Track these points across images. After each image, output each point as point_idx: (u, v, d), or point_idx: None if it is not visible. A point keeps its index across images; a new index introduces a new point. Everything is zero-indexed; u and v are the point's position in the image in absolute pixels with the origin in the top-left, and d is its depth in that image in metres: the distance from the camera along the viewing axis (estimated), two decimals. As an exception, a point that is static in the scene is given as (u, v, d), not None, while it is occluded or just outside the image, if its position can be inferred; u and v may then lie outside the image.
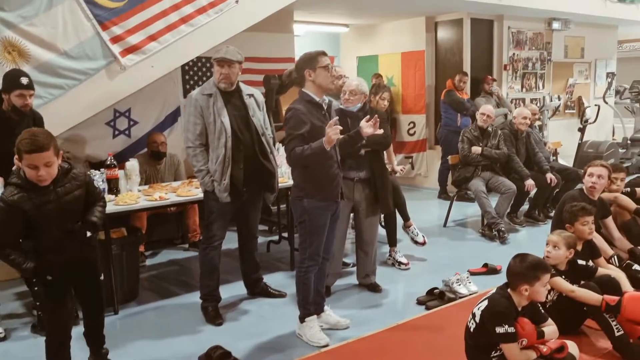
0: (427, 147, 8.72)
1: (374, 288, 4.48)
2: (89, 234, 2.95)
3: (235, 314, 4.11)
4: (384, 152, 4.64)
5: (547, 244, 3.46)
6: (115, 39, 4.37)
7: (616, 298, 3.23)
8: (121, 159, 5.15)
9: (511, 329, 2.78)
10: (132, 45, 4.43)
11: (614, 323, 3.24)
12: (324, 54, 3.42)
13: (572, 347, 3.01)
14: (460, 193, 6.84)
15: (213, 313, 3.98)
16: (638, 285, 3.99)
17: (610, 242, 4.36)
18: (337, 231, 3.89)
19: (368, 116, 3.52)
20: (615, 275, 3.63)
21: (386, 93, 5.02)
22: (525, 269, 2.87)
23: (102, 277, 3.23)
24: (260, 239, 4.91)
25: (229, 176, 3.81)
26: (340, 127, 3.24)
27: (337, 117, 3.37)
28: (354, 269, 4.70)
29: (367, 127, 3.42)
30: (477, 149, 6.14)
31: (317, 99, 3.41)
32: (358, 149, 4.13)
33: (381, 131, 3.64)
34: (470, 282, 4.33)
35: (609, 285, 3.46)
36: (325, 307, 3.82)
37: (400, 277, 4.86)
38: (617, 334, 3.22)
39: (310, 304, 3.62)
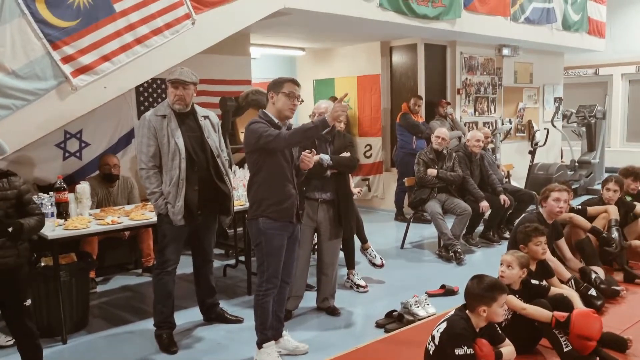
0: (383, 170, 8.80)
1: (333, 311, 4.44)
2: (10, 229, 2.94)
3: (191, 341, 3.99)
4: (349, 175, 4.66)
5: (501, 264, 3.51)
6: (67, 59, 4.24)
7: (565, 314, 3.29)
8: (72, 181, 5.00)
9: (470, 351, 2.79)
10: (84, 65, 4.31)
11: (563, 339, 3.29)
12: (294, 82, 3.43)
13: (529, 367, 3.05)
14: (417, 215, 6.90)
15: (167, 341, 3.86)
16: (591, 306, 4.08)
17: (563, 263, 4.47)
18: (300, 253, 3.87)
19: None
20: (568, 294, 3.70)
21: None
22: (483, 290, 2.90)
23: (28, 303, 3.11)
24: (217, 263, 4.82)
25: (182, 198, 3.73)
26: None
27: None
28: (314, 292, 4.64)
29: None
30: (432, 171, 6.22)
31: (276, 121, 3.41)
32: (324, 169, 4.12)
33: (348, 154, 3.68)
34: (428, 304, 4.34)
35: (561, 304, 3.51)
36: (284, 332, 3.76)
37: (358, 300, 4.83)
38: (565, 350, 3.26)
39: (268, 329, 3.55)
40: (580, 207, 5.13)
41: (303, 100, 3.56)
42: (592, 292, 4.19)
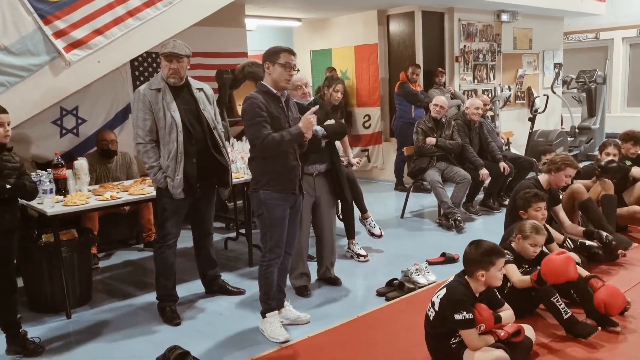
0: (382, 140, 8.77)
1: (334, 282, 4.46)
2: None
3: (193, 313, 4.03)
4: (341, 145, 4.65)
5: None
6: (59, 34, 4.19)
7: (536, 272, 3.26)
8: (69, 158, 4.98)
9: (469, 315, 2.81)
10: (76, 39, 4.26)
11: (562, 306, 3.31)
12: (290, 52, 3.38)
13: (528, 330, 3.08)
14: (417, 184, 6.90)
15: (170, 313, 3.89)
16: (595, 260, 4.12)
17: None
18: (304, 230, 3.98)
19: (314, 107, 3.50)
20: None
21: (339, 85, 5.00)
22: (481, 255, 2.91)
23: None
24: (218, 237, 4.84)
25: (182, 171, 3.72)
26: (317, 115, 3.37)
27: (317, 106, 3.46)
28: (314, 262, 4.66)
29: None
30: (431, 140, 6.20)
31: (274, 91, 3.38)
32: (319, 141, 4.11)
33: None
34: (429, 272, 4.36)
35: None
36: (286, 303, 3.78)
37: (359, 269, 4.86)
38: (565, 317, 3.29)
39: (272, 299, 3.57)
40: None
41: (299, 70, 3.53)
42: (590, 242, 4.21)
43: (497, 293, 3.13)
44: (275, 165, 3.38)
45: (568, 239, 4.27)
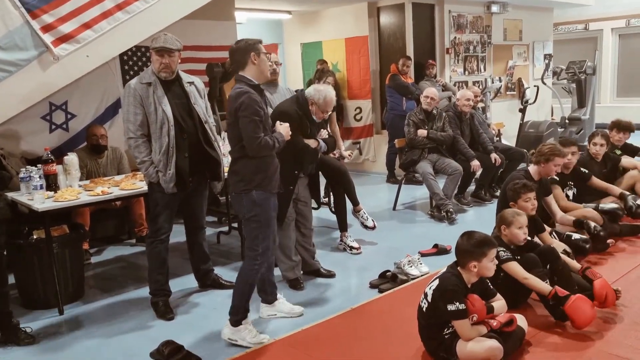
0: (374, 132, 8.77)
1: (327, 274, 4.47)
2: None
3: (187, 308, 4.02)
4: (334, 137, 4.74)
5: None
6: (47, 28, 4.14)
7: (566, 292, 3.27)
8: (59, 154, 4.94)
9: (462, 306, 2.83)
10: (64, 34, 4.21)
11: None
12: (261, 42, 3.37)
13: (520, 320, 3.10)
14: (408, 176, 6.92)
15: (163, 308, 3.89)
16: (581, 253, 4.16)
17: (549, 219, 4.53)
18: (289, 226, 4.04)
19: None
20: (557, 246, 3.77)
21: (330, 78, 5.02)
22: (472, 246, 2.93)
23: None
24: (210, 231, 4.81)
25: (174, 166, 3.71)
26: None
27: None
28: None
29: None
30: (422, 132, 6.21)
31: (257, 83, 3.32)
32: (318, 154, 4.21)
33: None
34: (421, 264, 4.38)
35: (548, 255, 3.59)
36: (279, 295, 3.79)
37: (352, 261, 4.87)
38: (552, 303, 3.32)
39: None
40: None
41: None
42: (576, 236, 4.24)
43: (490, 283, 3.15)
44: (268, 164, 3.31)
45: (554, 232, 4.30)
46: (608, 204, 4.87)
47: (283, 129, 3.39)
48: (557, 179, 4.78)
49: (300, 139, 3.98)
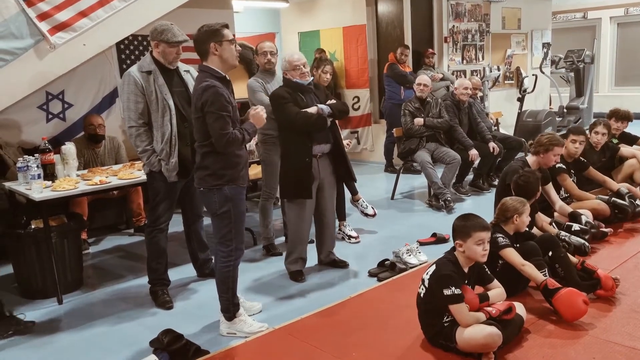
0: (372, 122, 8.75)
1: (340, 264, 4.44)
2: None
3: (186, 296, 4.03)
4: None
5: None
6: (43, 16, 4.11)
7: (557, 284, 3.29)
8: (56, 143, 4.92)
9: (458, 291, 2.84)
10: (61, 22, 4.18)
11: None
12: (227, 26, 3.21)
13: (519, 308, 3.11)
14: (407, 165, 6.90)
15: (162, 297, 3.89)
16: (581, 253, 4.15)
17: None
18: (307, 214, 4.05)
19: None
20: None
21: (328, 66, 4.97)
22: (460, 225, 2.99)
23: None
24: (208, 220, 4.79)
25: (177, 154, 3.70)
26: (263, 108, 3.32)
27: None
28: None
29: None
30: (419, 120, 6.20)
31: (223, 74, 3.20)
32: (325, 120, 4.01)
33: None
34: (420, 252, 4.39)
35: (548, 243, 3.63)
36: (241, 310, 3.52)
37: (350, 250, 4.87)
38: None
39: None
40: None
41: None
42: (576, 227, 4.25)
43: (487, 269, 3.15)
44: (238, 158, 3.23)
45: (553, 223, 4.30)
46: (620, 200, 4.84)
47: (255, 114, 3.26)
48: (565, 167, 4.78)
49: (295, 108, 3.89)
